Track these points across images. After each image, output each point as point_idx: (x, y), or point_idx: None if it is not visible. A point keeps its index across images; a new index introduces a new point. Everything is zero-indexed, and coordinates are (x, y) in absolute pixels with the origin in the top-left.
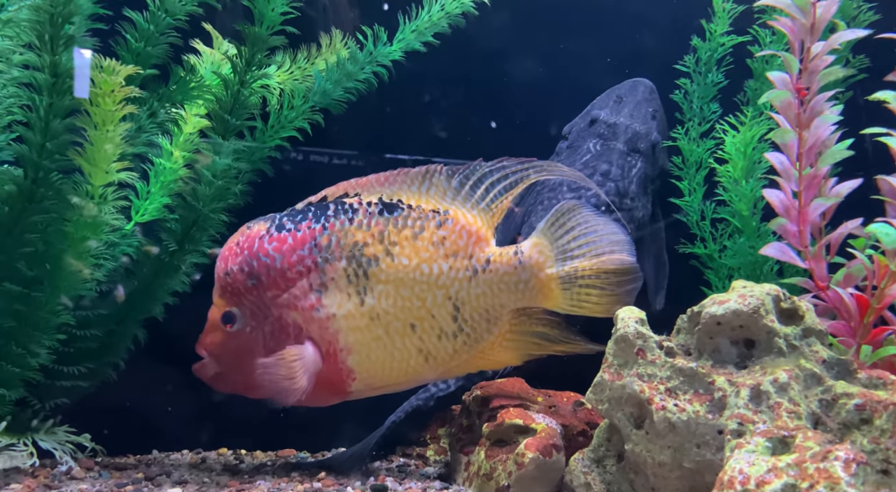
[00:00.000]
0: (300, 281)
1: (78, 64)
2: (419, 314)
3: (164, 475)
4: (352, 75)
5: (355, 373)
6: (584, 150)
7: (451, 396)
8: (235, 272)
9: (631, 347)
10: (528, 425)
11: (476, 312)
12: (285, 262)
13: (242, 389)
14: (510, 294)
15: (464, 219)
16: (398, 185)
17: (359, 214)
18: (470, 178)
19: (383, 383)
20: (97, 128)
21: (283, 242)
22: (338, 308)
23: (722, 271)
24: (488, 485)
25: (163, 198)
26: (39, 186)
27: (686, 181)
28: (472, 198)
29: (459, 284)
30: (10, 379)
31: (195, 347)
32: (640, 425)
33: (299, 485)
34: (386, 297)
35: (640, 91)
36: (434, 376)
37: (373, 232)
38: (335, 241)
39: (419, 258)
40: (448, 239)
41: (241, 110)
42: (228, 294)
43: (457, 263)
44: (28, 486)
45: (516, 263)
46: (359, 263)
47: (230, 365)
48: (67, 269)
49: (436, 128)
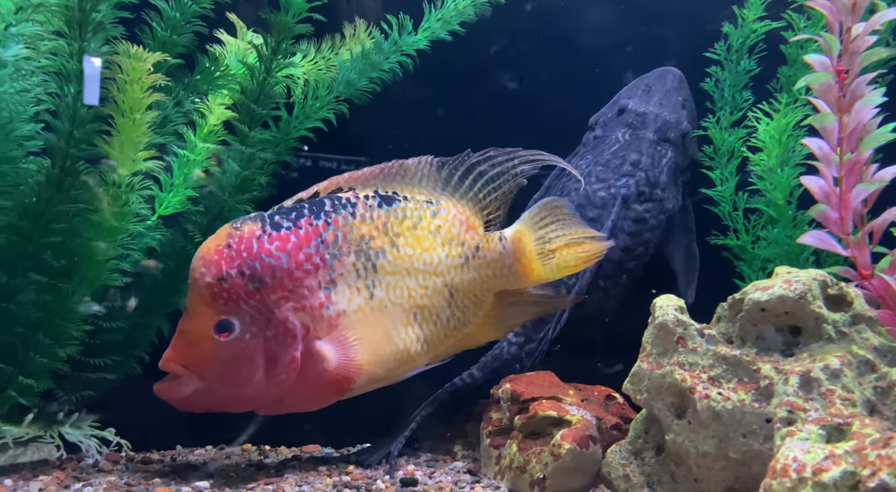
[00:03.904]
0: (308, 280)
1: (88, 71)
2: (421, 303)
3: (190, 470)
4: (376, 65)
5: (361, 368)
6: (612, 140)
7: (478, 390)
8: (234, 277)
9: (670, 336)
10: (563, 417)
11: (467, 297)
12: (292, 261)
13: (232, 402)
14: (496, 278)
15: (454, 208)
16: (391, 177)
17: (359, 207)
18: (459, 168)
19: (385, 375)
20: (124, 115)
21: (286, 240)
22: (348, 304)
23: (755, 263)
24: (522, 478)
25: (186, 190)
26: (67, 175)
27: (717, 171)
28: (461, 187)
29: (454, 271)
30: (38, 370)
31: (163, 365)
32: (681, 415)
33: (328, 479)
34: (394, 288)
35: (670, 80)
36: (425, 362)
37: (377, 224)
38: (341, 236)
39: (421, 248)
40: (443, 228)
41: (266, 100)
42: (222, 301)
43: (452, 250)
44: (57, 478)
45: (501, 249)
46: (367, 257)
47: (221, 378)
48: (94, 259)
49: (459, 120)
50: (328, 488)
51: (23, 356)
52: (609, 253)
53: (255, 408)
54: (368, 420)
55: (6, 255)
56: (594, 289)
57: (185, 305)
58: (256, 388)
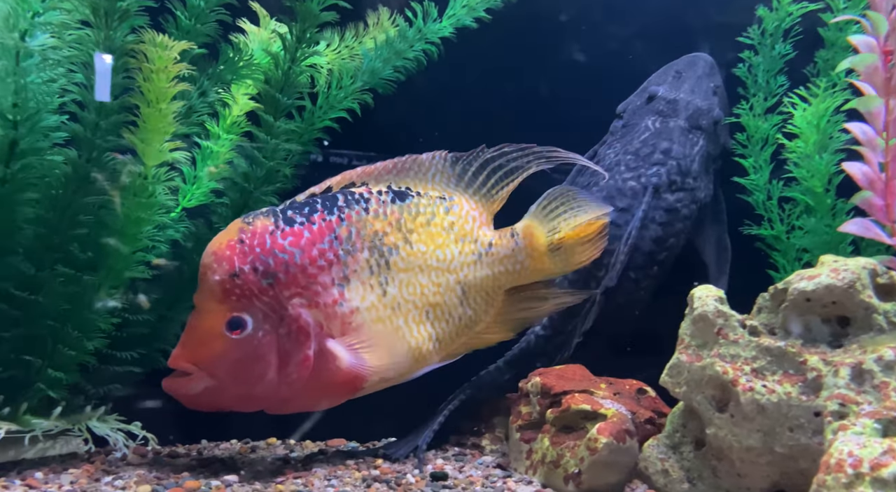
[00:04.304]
0: (321, 276)
1: (99, 68)
2: (434, 300)
3: (218, 464)
4: (401, 53)
5: (374, 368)
6: (641, 128)
7: (505, 383)
8: (247, 273)
9: (710, 327)
10: (597, 411)
11: (479, 295)
12: (305, 257)
13: (242, 401)
14: (508, 275)
15: (467, 204)
16: (404, 172)
17: (372, 202)
18: (473, 164)
19: (396, 374)
20: (150, 105)
21: (299, 235)
22: (361, 301)
23: (790, 253)
24: (555, 472)
25: (209, 182)
26: (94, 166)
27: (751, 159)
28: (474, 183)
29: (467, 268)
30: (66, 363)
31: (172, 362)
32: (723, 409)
33: (356, 472)
34: (406, 285)
35: (700, 66)
36: (436, 361)
37: (390, 220)
38: (355, 231)
39: (434, 244)
40: (456, 224)
41: (291, 89)
42: (235, 298)
43: (465, 247)
44: (87, 471)
45: (513, 245)
46: (380, 253)
47: (232, 377)
48: (121, 251)
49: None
50: (357, 482)
51: (51, 349)
52: (640, 244)
53: (264, 407)
54: (388, 415)
55: (33, 247)
56: (625, 280)
57: (195, 301)
58: (268, 387)
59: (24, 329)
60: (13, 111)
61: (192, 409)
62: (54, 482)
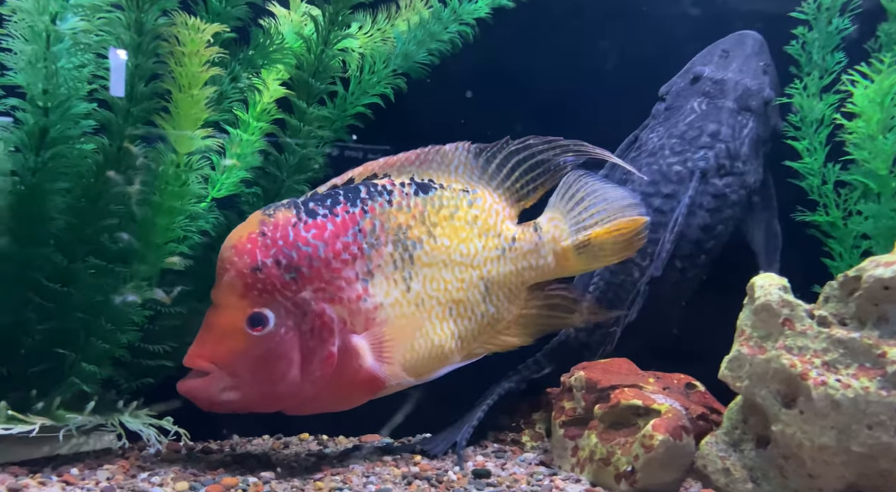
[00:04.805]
0: (345, 270)
1: (114, 64)
2: (457, 297)
3: (252, 460)
4: (435, 35)
5: (397, 367)
6: (686, 110)
7: (545, 378)
8: (269, 266)
9: (775, 317)
10: (649, 406)
11: (501, 292)
12: (329, 250)
13: (263, 402)
14: (531, 270)
15: (491, 197)
16: (427, 163)
17: (395, 194)
18: (497, 156)
19: (418, 374)
20: (182, 90)
21: (322, 228)
22: (385, 297)
23: (847, 240)
24: (605, 471)
25: (239, 172)
26: (125, 154)
27: (805, 141)
28: (497, 176)
29: (490, 264)
30: (100, 356)
31: (189, 361)
32: (790, 404)
33: (395, 469)
34: (430, 281)
35: (749, 44)
36: (457, 361)
37: (413, 213)
38: (379, 225)
39: (458, 238)
40: (480, 218)
41: (324, 73)
42: (257, 293)
43: (488, 242)
44: (122, 467)
45: (536, 239)
46: (404, 247)
47: (253, 376)
48: (154, 241)
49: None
50: (397, 478)
51: (84, 342)
52: (687, 232)
53: (284, 408)
54: (417, 410)
55: (65, 238)
56: (670, 270)
57: (213, 297)
58: (290, 386)
59: (56, 322)
60: (44, 98)
61: (209, 411)
62: (90, 478)
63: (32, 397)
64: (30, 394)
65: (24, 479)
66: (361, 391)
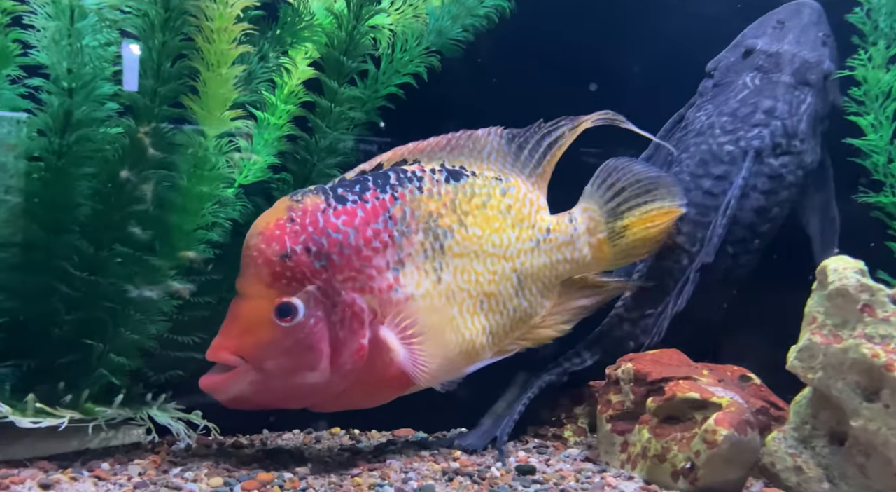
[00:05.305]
0: (376, 259)
1: (126, 57)
2: (489, 290)
3: (285, 455)
4: (471, 10)
5: (428, 360)
6: (737, 86)
7: (587, 370)
8: (299, 253)
9: (852, 303)
10: (708, 400)
11: (535, 285)
12: (360, 237)
13: (290, 397)
14: (566, 263)
15: (524, 186)
16: (458, 149)
17: (425, 181)
18: (529, 141)
19: (450, 369)
20: (210, 69)
21: (353, 215)
22: (416, 287)
23: None
24: (661, 467)
25: (267, 157)
26: (152, 136)
27: (870, 116)
28: (530, 163)
29: (524, 256)
30: (129, 347)
31: (212, 354)
32: (872, 398)
33: (434, 465)
34: (461, 272)
35: (807, 13)
36: (488, 358)
37: (444, 201)
38: (409, 212)
39: (490, 228)
40: (513, 207)
41: (356, 51)
42: (286, 281)
43: (522, 233)
44: (154, 461)
45: (571, 231)
46: (435, 236)
47: (281, 369)
48: (183, 228)
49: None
50: (437, 474)
51: (112, 333)
52: (740, 215)
53: (311, 404)
54: (451, 404)
55: (92, 225)
56: (722, 256)
57: (238, 286)
58: (319, 380)
59: (84, 312)
60: (68, 78)
61: (233, 408)
62: (122, 474)
63: (60, 389)
64: (57, 386)
65: (55, 474)
66: (391, 387)
